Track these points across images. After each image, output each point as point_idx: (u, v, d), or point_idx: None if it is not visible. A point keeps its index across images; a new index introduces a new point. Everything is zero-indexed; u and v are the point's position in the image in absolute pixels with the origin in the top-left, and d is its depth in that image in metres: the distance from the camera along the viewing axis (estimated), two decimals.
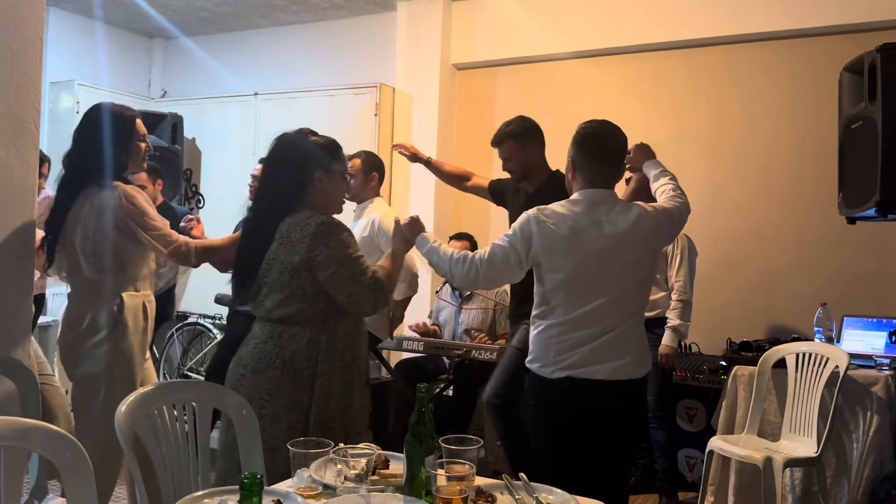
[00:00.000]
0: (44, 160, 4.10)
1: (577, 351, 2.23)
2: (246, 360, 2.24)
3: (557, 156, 3.39)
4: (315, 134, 2.38)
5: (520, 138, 3.33)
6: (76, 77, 5.91)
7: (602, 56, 5.09)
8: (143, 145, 2.70)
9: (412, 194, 5.43)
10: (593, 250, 2.24)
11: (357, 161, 3.75)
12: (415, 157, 3.64)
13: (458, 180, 3.69)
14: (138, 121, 2.69)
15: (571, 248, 2.25)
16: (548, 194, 2.72)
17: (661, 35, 4.85)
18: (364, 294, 2.21)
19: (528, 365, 2.35)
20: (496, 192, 3.56)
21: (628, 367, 2.26)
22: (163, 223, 2.61)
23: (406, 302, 3.93)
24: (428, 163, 3.66)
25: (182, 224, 3.02)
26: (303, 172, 2.29)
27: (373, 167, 3.81)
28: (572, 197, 2.36)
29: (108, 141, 2.58)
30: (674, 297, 3.72)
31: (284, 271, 2.21)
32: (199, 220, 3.02)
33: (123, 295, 2.58)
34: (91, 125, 2.60)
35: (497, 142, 3.34)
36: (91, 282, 2.56)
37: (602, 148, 2.36)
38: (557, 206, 2.31)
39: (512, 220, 3.07)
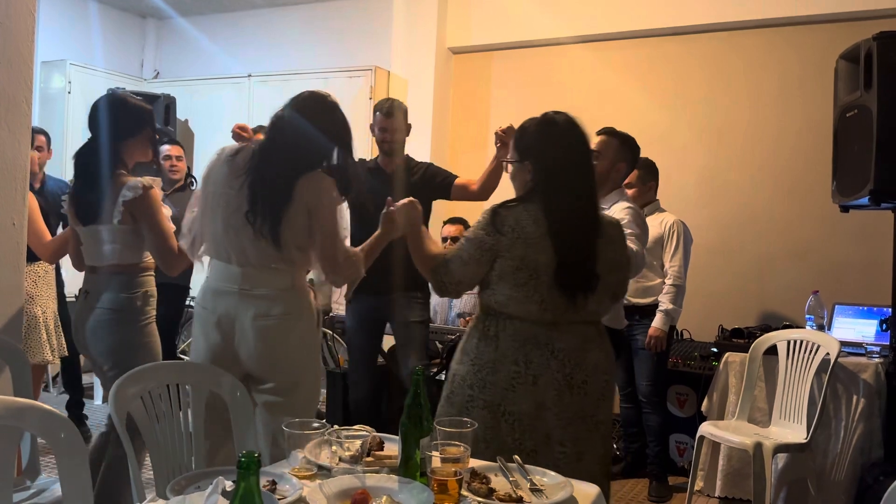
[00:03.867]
0: (40, 133, 4.05)
1: None
2: (604, 367, 2.11)
3: None
4: None
5: (406, 117, 3.41)
6: (68, 57, 5.84)
7: (598, 41, 5.06)
8: None
9: None
10: None
11: None
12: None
13: None
14: None
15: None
16: (404, 174, 3.23)
17: (658, 21, 4.84)
18: None
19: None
20: None
21: None
22: None
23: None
24: None
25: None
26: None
27: None
28: (631, 195, 3.10)
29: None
30: (667, 281, 3.72)
31: (613, 270, 2.11)
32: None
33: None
34: (327, 109, 2.52)
35: (391, 111, 3.33)
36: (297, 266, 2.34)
37: None
38: (628, 205, 2.83)
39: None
